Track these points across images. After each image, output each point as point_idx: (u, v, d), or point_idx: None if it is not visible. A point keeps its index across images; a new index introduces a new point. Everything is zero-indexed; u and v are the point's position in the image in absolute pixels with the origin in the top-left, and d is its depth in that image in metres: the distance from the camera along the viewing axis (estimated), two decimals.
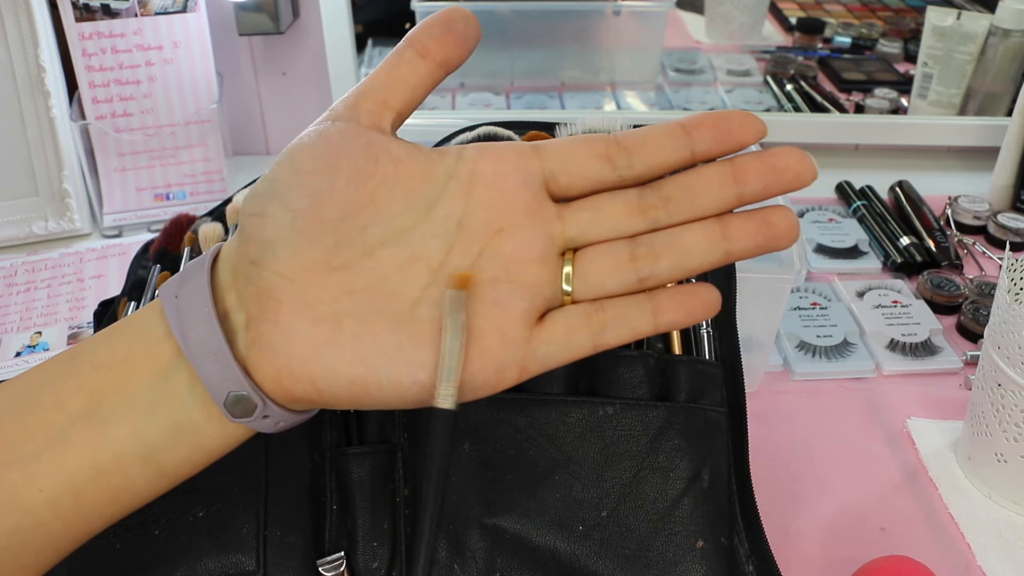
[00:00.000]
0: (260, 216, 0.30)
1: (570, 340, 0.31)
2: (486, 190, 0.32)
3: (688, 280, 0.36)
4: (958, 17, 0.94)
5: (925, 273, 0.75)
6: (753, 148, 0.33)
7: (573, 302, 0.32)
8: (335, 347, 0.30)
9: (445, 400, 0.30)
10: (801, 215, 0.86)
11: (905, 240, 0.79)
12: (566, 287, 0.32)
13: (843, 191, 0.90)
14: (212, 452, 0.32)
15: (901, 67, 1.14)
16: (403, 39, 0.33)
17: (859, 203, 0.86)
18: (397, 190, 0.31)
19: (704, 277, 0.51)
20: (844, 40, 1.20)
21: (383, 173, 0.31)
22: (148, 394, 0.31)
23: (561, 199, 0.33)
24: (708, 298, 0.32)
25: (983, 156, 0.94)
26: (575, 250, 0.32)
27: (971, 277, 0.75)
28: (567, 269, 0.32)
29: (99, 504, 0.32)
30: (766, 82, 1.09)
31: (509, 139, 0.52)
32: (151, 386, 0.31)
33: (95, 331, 0.54)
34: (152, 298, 0.52)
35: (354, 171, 0.31)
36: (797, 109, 1.02)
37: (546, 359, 0.32)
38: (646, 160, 0.32)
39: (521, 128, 0.54)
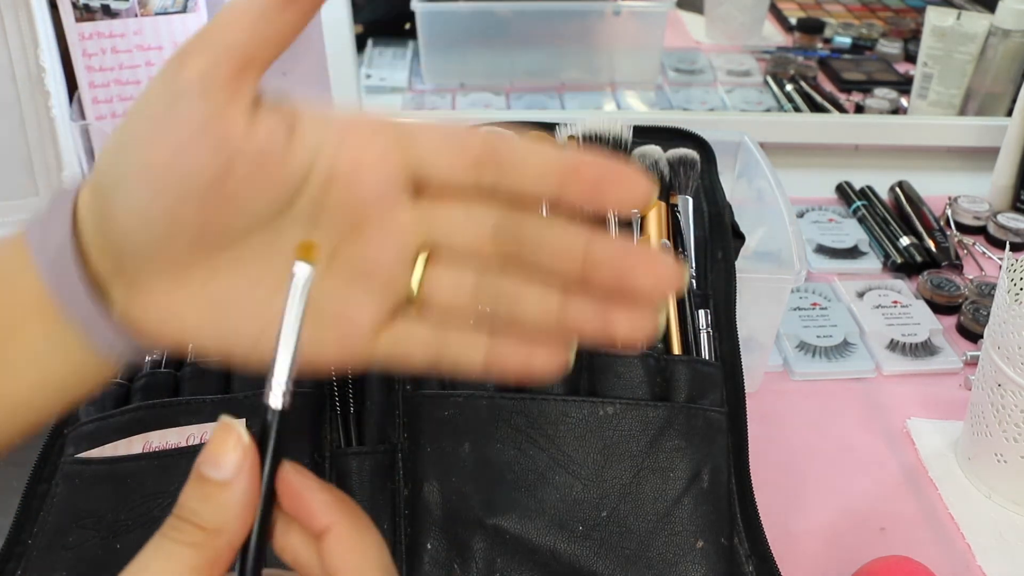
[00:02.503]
0: (110, 216, 0.29)
1: (408, 354, 0.30)
2: (344, 188, 0.30)
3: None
4: (958, 17, 0.94)
5: (925, 273, 0.75)
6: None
7: (417, 308, 0.31)
8: (201, 329, 0.30)
9: (275, 399, 0.28)
10: (801, 215, 0.86)
11: (905, 240, 0.79)
12: (414, 289, 0.30)
13: (843, 191, 0.90)
14: (115, 376, 0.33)
15: (901, 67, 1.14)
16: None
17: (859, 203, 0.86)
18: (254, 188, 0.29)
19: (704, 278, 0.51)
20: (844, 40, 1.20)
21: (238, 175, 0.29)
22: (46, 342, 0.31)
23: (423, 189, 0.30)
24: (545, 365, 0.29)
25: (983, 156, 0.94)
26: (429, 253, 0.30)
27: (971, 277, 0.75)
28: (418, 270, 0.30)
29: (10, 430, 0.32)
30: (766, 82, 1.09)
31: None
32: (46, 334, 0.31)
33: None
34: None
35: (209, 175, 0.28)
36: (797, 109, 1.02)
37: (386, 361, 0.31)
38: (511, 185, 0.29)
39: (521, 128, 0.54)
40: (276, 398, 0.28)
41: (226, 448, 0.28)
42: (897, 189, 0.88)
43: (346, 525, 0.28)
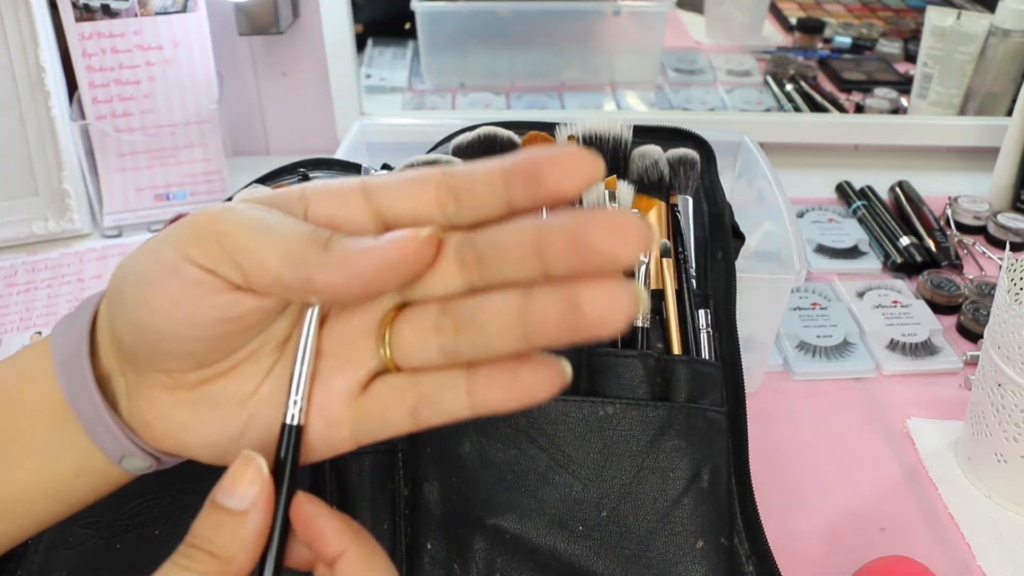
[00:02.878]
0: (116, 320, 0.30)
1: (387, 418, 0.29)
2: None
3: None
4: (958, 17, 0.94)
5: (925, 273, 0.75)
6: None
7: (397, 367, 0.29)
8: (190, 432, 0.31)
9: (292, 416, 0.29)
10: (801, 215, 0.86)
11: (905, 240, 0.79)
12: (386, 351, 0.29)
13: (843, 191, 0.90)
14: (119, 484, 0.33)
15: (901, 67, 1.14)
16: None
17: (859, 203, 0.86)
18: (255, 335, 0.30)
19: (704, 278, 0.51)
20: (844, 40, 1.20)
21: (243, 327, 0.29)
22: (49, 442, 0.31)
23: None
24: (535, 384, 0.26)
25: (983, 156, 0.94)
26: (401, 307, 0.29)
27: (971, 277, 0.75)
28: (387, 331, 0.29)
29: (7, 534, 0.33)
30: (766, 82, 1.09)
31: (510, 139, 0.52)
32: (52, 432, 0.31)
33: None
34: None
35: (197, 324, 0.29)
36: (797, 109, 1.02)
37: (371, 433, 0.30)
38: (470, 210, 0.27)
39: (521, 128, 0.54)
40: (293, 415, 0.29)
41: (244, 479, 0.28)
42: (897, 189, 0.88)
43: (357, 551, 0.29)
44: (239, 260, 0.27)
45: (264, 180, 0.56)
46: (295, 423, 0.29)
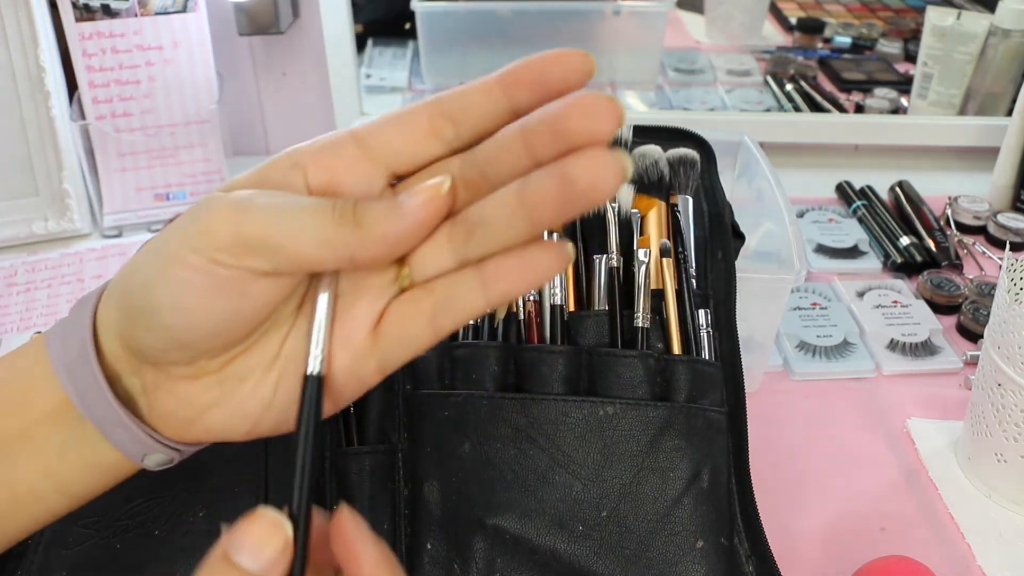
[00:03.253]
0: (140, 328, 0.30)
1: (407, 333, 0.30)
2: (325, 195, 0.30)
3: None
4: (958, 17, 0.94)
5: (925, 273, 0.75)
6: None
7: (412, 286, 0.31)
8: (221, 409, 0.31)
9: (313, 366, 0.30)
10: (801, 215, 0.86)
11: (905, 240, 0.79)
12: (405, 277, 0.30)
13: (843, 191, 0.90)
14: (127, 475, 0.33)
15: (901, 67, 1.14)
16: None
17: (859, 203, 0.86)
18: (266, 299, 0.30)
19: (704, 278, 0.51)
20: (844, 40, 1.20)
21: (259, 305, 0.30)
22: (55, 440, 0.31)
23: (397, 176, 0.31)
24: (541, 263, 0.28)
25: (983, 156, 0.94)
26: None
27: (971, 277, 0.75)
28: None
29: (18, 528, 0.33)
30: (766, 82, 1.09)
31: None
32: (56, 432, 0.31)
33: None
34: None
35: (235, 312, 0.29)
36: (797, 109, 1.02)
37: (395, 358, 0.31)
38: (472, 127, 0.29)
39: None
40: (315, 364, 0.29)
41: (266, 541, 0.26)
42: (897, 189, 0.88)
43: None
44: (272, 255, 0.28)
45: None
46: (317, 372, 0.29)
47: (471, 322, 0.47)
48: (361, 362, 0.31)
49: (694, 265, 0.51)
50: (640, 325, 0.46)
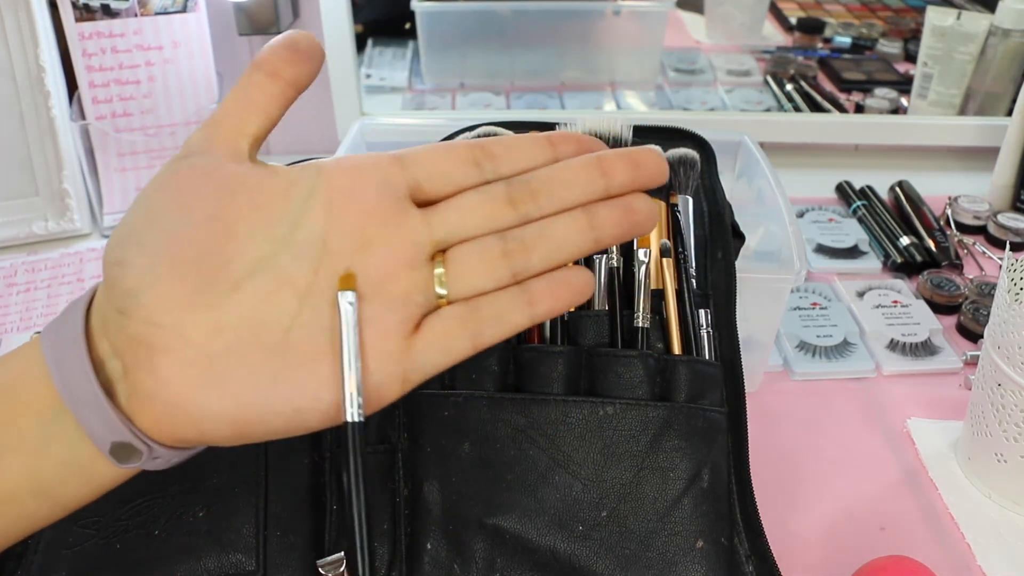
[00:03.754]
0: (120, 264, 0.30)
1: (447, 345, 0.31)
2: (345, 205, 0.31)
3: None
4: (958, 17, 0.94)
5: (925, 273, 0.75)
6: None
7: (449, 303, 0.32)
8: (211, 388, 0.29)
9: (353, 413, 0.30)
10: (801, 215, 0.86)
11: (905, 240, 0.79)
12: (440, 290, 0.32)
13: (843, 191, 0.90)
14: (105, 486, 0.32)
15: (901, 67, 1.14)
16: (250, 64, 0.33)
17: (859, 203, 0.86)
18: (256, 219, 0.31)
19: (704, 278, 0.51)
20: (844, 40, 1.20)
21: (240, 204, 0.31)
22: (36, 434, 0.31)
23: (427, 203, 0.33)
24: (579, 284, 0.32)
25: (983, 156, 0.94)
26: (445, 251, 0.32)
27: (971, 277, 0.75)
28: (439, 271, 0.32)
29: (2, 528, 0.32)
30: (766, 82, 1.09)
31: None
32: (38, 426, 0.31)
33: None
34: None
35: (210, 207, 0.30)
36: (797, 109, 1.02)
37: (426, 367, 0.31)
38: (511, 165, 0.33)
39: (521, 128, 0.54)
40: (353, 414, 0.30)
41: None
42: (897, 189, 0.88)
43: None
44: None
45: None
46: (357, 420, 0.30)
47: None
48: (385, 371, 0.31)
49: (694, 265, 0.51)
50: (640, 325, 0.46)
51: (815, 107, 1.02)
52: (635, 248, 0.48)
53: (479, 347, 0.32)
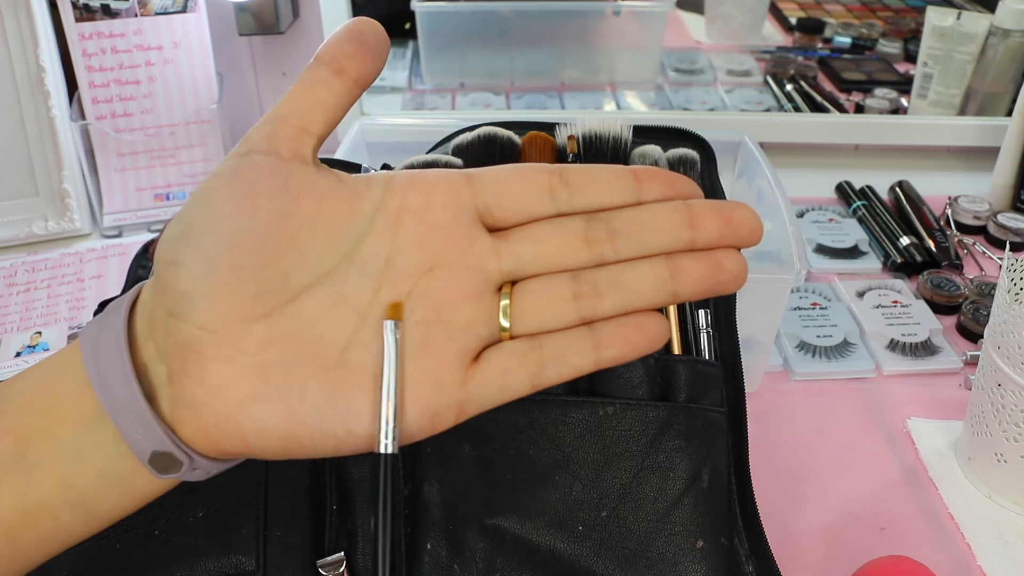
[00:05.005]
0: (175, 265, 0.28)
1: (506, 382, 0.30)
2: (415, 225, 0.30)
3: None
4: (958, 17, 0.94)
5: (925, 273, 0.75)
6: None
7: (511, 337, 0.30)
8: (263, 402, 0.28)
9: (387, 446, 0.28)
10: (801, 215, 0.86)
11: (905, 240, 0.79)
12: (504, 322, 0.30)
13: (843, 191, 0.90)
14: (143, 499, 0.31)
15: (901, 67, 1.14)
16: (314, 58, 0.31)
17: (859, 203, 0.86)
18: (320, 229, 0.29)
19: None
20: (844, 40, 1.20)
21: (305, 212, 0.29)
22: (74, 443, 0.29)
23: (498, 229, 0.31)
24: (654, 332, 0.30)
25: (983, 156, 0.94)
26: (514, 283, 0.31)
27: (971, 277, 0.75)
28: (504, 303, 0.30)
29: (33, 544, 0.31)
30: (766, 82, 1.09)
31: (509, 140, 0.52)
32: (76, 435, 0.29)
33: None
34: None
35: (274, 212, 0.29)
36: (797, 109, 1.02)
37: (482, 401, 0.30)
38: (589, 197, 0.31)
39: (521, 128, 0.54)
40: (387, 446, 0.29)
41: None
42: (897, 189, 0.88)
43: None
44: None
45: None
46: (390, 452, 0.28)
47: None
48: (442, 400, 0.29)
49: None
50: None
51: (815, 107, 1.02)
52: None
53: (538, 386, 0.30)
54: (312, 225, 0.29)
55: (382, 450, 0.28)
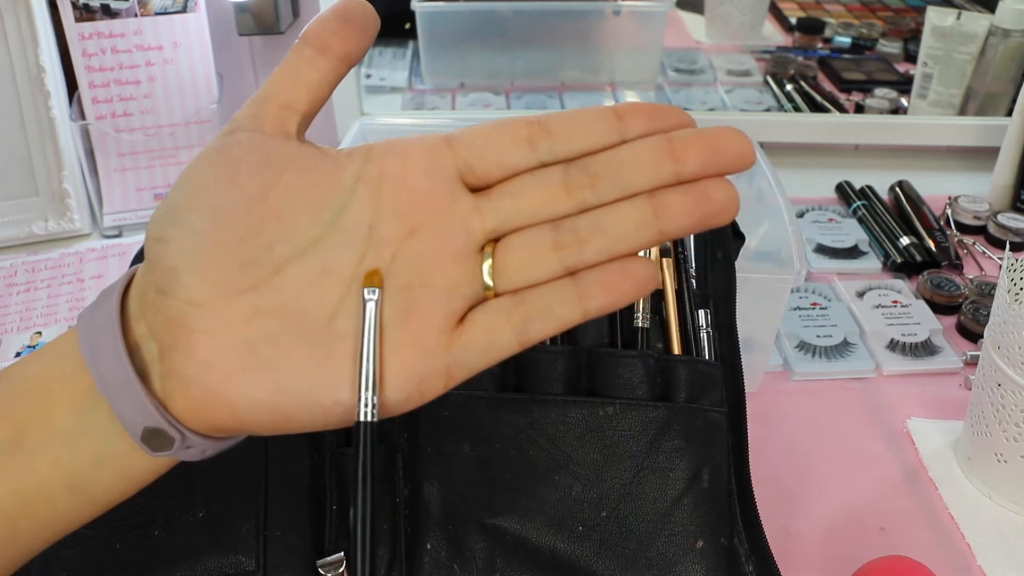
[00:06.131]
0: (162, 242, 0.29)
1: (492, 340, 0.29)
2: (395, 191, 0.30)
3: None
4: (958, 17, 0.94)
5: (925, 273, 0.75)
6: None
7: (496, 295, 0.30)
8: (251, 374, 0.28)
9: (367, 413, 0.28)
10: (801, 215, 0.86)
11: (905, 240, 0.79)
12: (488, 281, 0.30)
13: (843, 191, 0.90)
14: (139, 480, 0.31)
15: (901, 67, 1.14)
16: (299, 37, 0.31)
17: (859, 203, 0.86)
18: (302, 201, 0.29)
19: (704, 278, 0.51)
20: (844, 40, 1.20)
21: (287, 184, 0.29)
22: (69, 426, 0.30)
23: (480, 188, 0.31)
24: (641, 275, 0.29)
25: (983, 156, 0.94)
26: (497, 240, 0.30)
27: (971, 277, 0.75)
28: (487, 263, 0.30)
29: (32, 530, 0.31)
30: (766, 82, 1.09)
31: None
32: (72, 418, 0.30)
33: None
34: None
35: (256, 186, 0.29)
36: (797, 109, 1.02)
37: (470, 363, 0.30)
38: (570, 143, 0.30)
39: None
40: (366, 414, 0.28)
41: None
42: (897, 189, 0.88)
43: None
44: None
45: None
46: (370, 420, 0.28)
47: None
48: (428, 365, 0.29)
49: (694, 265, 0.51)
50: (640, 325, 0.46)
51: (815, 107, 1.02)
52: None
53: (525, 343, 0.29)
54: (294, 197, 0.30)
55: (361, 417, 0.28)
